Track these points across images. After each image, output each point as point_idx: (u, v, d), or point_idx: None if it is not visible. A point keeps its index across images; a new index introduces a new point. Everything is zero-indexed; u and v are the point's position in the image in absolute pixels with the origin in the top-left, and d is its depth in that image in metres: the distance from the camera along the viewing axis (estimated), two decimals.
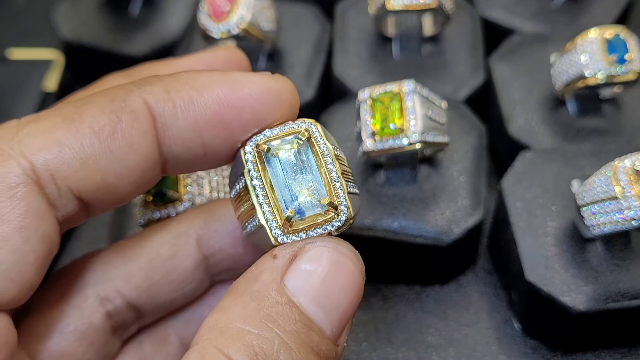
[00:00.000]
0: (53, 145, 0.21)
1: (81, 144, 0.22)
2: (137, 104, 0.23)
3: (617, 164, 0.30)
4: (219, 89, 0.23)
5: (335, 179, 0.22)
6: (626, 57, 0.34)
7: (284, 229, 0.22)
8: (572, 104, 0.37)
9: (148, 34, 0.45)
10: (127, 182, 0.23)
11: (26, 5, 0.53)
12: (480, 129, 0.37)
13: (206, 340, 0.20)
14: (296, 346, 0.20)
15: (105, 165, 0.22)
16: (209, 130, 0.23)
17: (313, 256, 0.21)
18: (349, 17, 0.43)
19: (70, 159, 0.22)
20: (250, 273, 0.22)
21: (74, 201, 0.22)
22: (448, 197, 0.34)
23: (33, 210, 0.21)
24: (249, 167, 0.22)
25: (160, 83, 0.23)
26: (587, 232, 0.31)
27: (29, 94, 0.44)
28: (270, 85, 0.23)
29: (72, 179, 0.22)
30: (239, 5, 0.37)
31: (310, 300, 0.21)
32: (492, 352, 0.34)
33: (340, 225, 0.22)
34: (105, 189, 0.22)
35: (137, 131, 0.22)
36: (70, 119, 0.22)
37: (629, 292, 0.31)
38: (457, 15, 0.41)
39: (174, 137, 0.23)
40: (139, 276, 0.27)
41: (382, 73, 0.40)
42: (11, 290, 0.21)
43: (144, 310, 0.27)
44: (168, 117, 0.23)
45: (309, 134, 0.23)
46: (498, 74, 0.40)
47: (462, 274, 0.37)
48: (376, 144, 0.32)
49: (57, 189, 0.22)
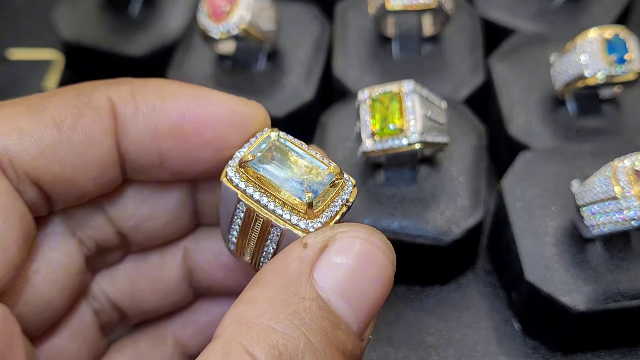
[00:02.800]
0: (13, 131, 0.22)
1: (41, 133, 0.22)
2: (101, 101, 0.23)
3: (617, 164, 0.30)
4: (183, 102, 0.23)
5: (322, 157, 0.23)
6: (626, 57, 0.34)
7: (308, 215, 0.22)
8: (572, 104, 0.37)
9: (148, 34, 0.45)
10: (86, 177, 0.23)
11: (26, 5, 0.53)
12: (480, 129, 0.37)
13: (230, 334, 0.19)
14: (322, 346, 0.19)
15: (64, 157, 0.22)
16: (167, 139, 0.23)
17: (344, 247, 0.20)
18: (349, 17, 0.43)
19: (29, 147, 0.22)
20: (278, 261, 0.21)
21: (32, 188, 0.22)
22: (448, 197, 0.34)
23: (4, 190, 0.21)
24: (242, 188, 0.22)
25: (128, 85, 0.24)
26: (586, 232, 0.31)
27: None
28: (240, 110, 0.24)
29: (29, 166, 0.22)
30: (238, 5, 0.37)
31: (339, 295, 0.20)
32: (492, 352, 0.34)
33: (352, 189, 0.22)
34: (64, 182, 0.23)
35: (98, 127, 0.23)
36: (33, 109, 0.22)
37: (628, 292, 0.31)
38: (457, 15, 0.41)
39: (132, 139, 0.23)
40: (124, 280, 0.27)
41: (381, 73, 0.40)
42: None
43: (128, 313, 0.28)
44: (129, 119, 0.23)
45: (277, 132, 0.23)
46: (498, 74, 0.40)
47: (462, 274, 0.37)
48: (376, 144, 0.32)
49: (15, 174, 0.22)
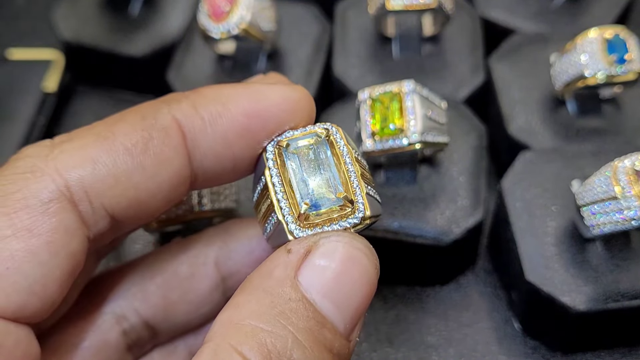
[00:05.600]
0: (87, 162, 0.22)
1: (114, 161, 0.22)
2: (167, 121, 0.23)
3: (617, 164, 0.30)
4: (244, 101, 0.23)
5: (353, 178, 0.22)
6: (626, 57, 0.34)
7: (299, 222, 0.22)
8: (572, 104, 0.37)
9: (148, 34, 0.45)
10: (158, 198, 0.23)
11: (26, 5, 0.53)
12: (480, 129, 0.37)
13: (219, 336, 0.20)
14: (309, 344, 0.20)
15: (138, 182, 0.22)
16: (238, 141, 0.23)
17: (327, 251, 0.21)
18: (349, 17, 0.43)
19: (104, 176, 0.22)
20: (264, 267, 0.22)
21: (106, 218, 0.22)
22: (448, 197, 0.34)
23: (64, 227, 0.21)
24: (269, 165, 0.23)
25: (187, 100, 0.23)
26: (587, 232, 0.31)
27: (29, 94, 0.44)
28: (291, 95, 0.24)
29: (105, 195, 0.22)
30: (238, 5, 0.37)
31: (324, 296, 0.21)
32: (492, 352, 0.34)
33: (357, 223, 0.22)
34: (137, 206, 0.23)
35: (168, 147, 0.23)
36: (103, 136, 0.22)
37: (629, 292, 0.31)
38: (457, 15, 0.41)
39: (204, 151, 0.23)
40: (156, 295, 0.27)
41: (382, 73, 0.40)
42: (33, 305, 0.21)
43: (160, 329, 0.27)
44: (198, 132, 0.23)
45: (327, 133, 0.23)
46: (498, 74, 0.40)
47: (462, 274, 0.37)
48: (376, 144, 0.32)
49: (90, 206, 0.22)
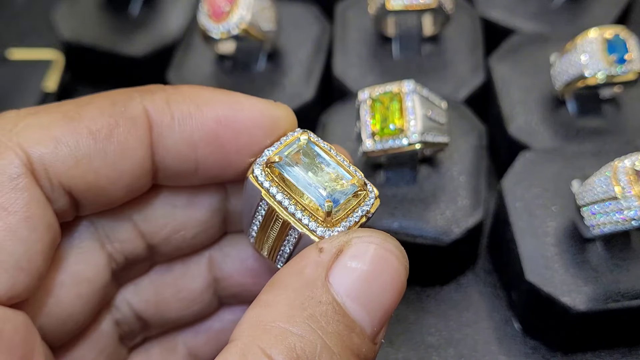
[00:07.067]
0: (49, 140, 0.22)
1: (77, 142, 0.22)
2: (137, 111, 0.23)
3: (617, 164, 0.30)
4: (219, 108, 0.23)
5: (348, 165, 0.23)
6: (626, 57, 0.34)
7: (326, 224, 0.22)
8: (572, 104, 0.37)
9: (148, 34, 0.45)
10: (118, 186, 0.23)
11: (26, 5, 0.53)
12: (480, 129, 0.37)
13: (248, 337, 0.19)
14: (338, 349, 0.20)
15: (98, 167, 0.22)
16: (204, 146, 0.23)
17: (359, 252, 0.21)
18: (349, 17, 0.43)
19: (64, 156, 0.22)
20: (294, 265, 0.21)
21: (64, 197, 0.22)
22: (448, 197, 0.34)
23: (36, 201, 0.21)
24: (266, 187, 0.22)
25: (163, 93, 0.23)
26: (587, 232, 0.31)
27: (29, 94, 0.44)
28: (270, 113, 0.24)
29: (64, 176, 0.22)
30: (238, 5, 0.37)
31: (354, 299, 0.20)
32: (492, 352, 0.34)
33: (374, 201, 0.22)
34: (96, 191, 0.23)
35: (134, 137, 0.23)
36: (69, 116, 0.22)
37: (629, 292, 0.31)
38: (457, 15, 0.41)
39: (168, 148, 0.23)
40: (149, 290, 0.27)
41: (382, 73, 0.40)
42: (22, 280, 0.21)
43: (151, 323, 0.27)
44: (165, 128, 0.23)
45: (307, 134, 0.23)
46: (498, 74, 0.40)
47: (462, 274, 0.37)
48: (376, 144, 0.32)
49: (49, 183, 0.22)
